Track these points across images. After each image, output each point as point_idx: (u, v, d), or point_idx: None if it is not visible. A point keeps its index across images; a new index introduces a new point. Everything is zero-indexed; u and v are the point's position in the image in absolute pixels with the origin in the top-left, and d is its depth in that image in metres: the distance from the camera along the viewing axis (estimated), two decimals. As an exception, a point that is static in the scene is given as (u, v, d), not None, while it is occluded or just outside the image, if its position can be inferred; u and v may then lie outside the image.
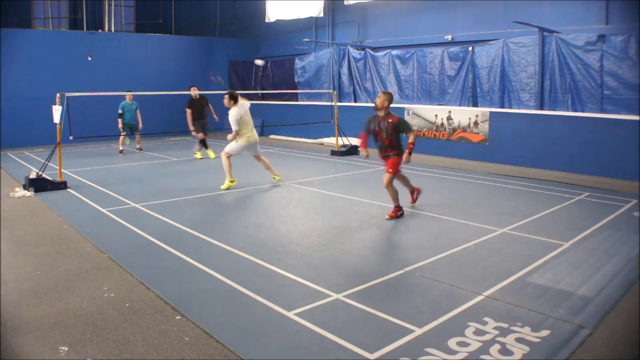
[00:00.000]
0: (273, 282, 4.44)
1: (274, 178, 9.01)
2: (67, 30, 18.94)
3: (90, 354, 3.24)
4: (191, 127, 11.96)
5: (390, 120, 6.53)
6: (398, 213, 6.60)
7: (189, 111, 11.90)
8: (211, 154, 12.29)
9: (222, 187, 8.47)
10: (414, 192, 7.22)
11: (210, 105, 12.39)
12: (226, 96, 8.34)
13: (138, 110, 13.00)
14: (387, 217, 6.57)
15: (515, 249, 5.36)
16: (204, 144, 12.29)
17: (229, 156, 8.45)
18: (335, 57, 15.80)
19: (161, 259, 5.06)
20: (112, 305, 3.95)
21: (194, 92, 12.06)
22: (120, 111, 12.73)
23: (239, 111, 8.21)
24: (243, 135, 8.33)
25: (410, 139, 6.56)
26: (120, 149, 13.30)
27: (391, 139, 6.55)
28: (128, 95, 12.79)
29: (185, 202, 7.59)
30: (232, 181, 8.54)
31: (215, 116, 12.53)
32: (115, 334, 3.49)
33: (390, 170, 6.59)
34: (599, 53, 10.15)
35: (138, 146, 13.74)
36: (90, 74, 15.81)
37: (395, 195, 6.59)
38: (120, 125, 12.84)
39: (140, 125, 13.08)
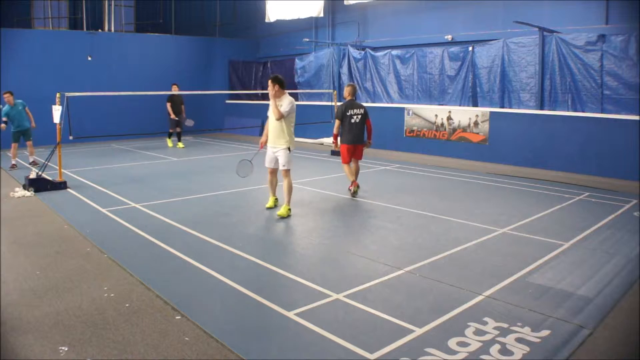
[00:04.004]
0: (273, 282, 4.44)
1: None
2: (67, 30, 18.96)
3: (90, 354, 3.24)
4: (174, 116, 13.97)
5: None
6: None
7: (169, 104, 13.89)
8: (180, 144, 14.41)
9: (280, 213, 6.68)
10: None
11: (183, 105, 14.20)
12: (271, 81, 6.35)
13: (27, 108, 10.66)
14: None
15: (515, 249, 5.36)
16: (178, 136, 14.43)
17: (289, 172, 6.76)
18: (335, 57, 15.79)
19: (161, 259, 5.06)
20: (112, 305, 3.95)
21: (175, 89, 13.80)
22: (4, 119, 10.40)
23: (292, 101, 6.51)
24: (292, 138, 6.64)
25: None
26: (13, 162, 10.74)
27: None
28: (7, 96, 10.39)
29: (185, 202, 7.59)
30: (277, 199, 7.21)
31: (183, 114, 14.10)
32: (115, 334, 3.49)
33: None
34: (599, 53, 10.15)
35: (31, 159, 11.02)
36: (90, 74, 15.81)
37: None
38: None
39: (33, 124, 10.76)
